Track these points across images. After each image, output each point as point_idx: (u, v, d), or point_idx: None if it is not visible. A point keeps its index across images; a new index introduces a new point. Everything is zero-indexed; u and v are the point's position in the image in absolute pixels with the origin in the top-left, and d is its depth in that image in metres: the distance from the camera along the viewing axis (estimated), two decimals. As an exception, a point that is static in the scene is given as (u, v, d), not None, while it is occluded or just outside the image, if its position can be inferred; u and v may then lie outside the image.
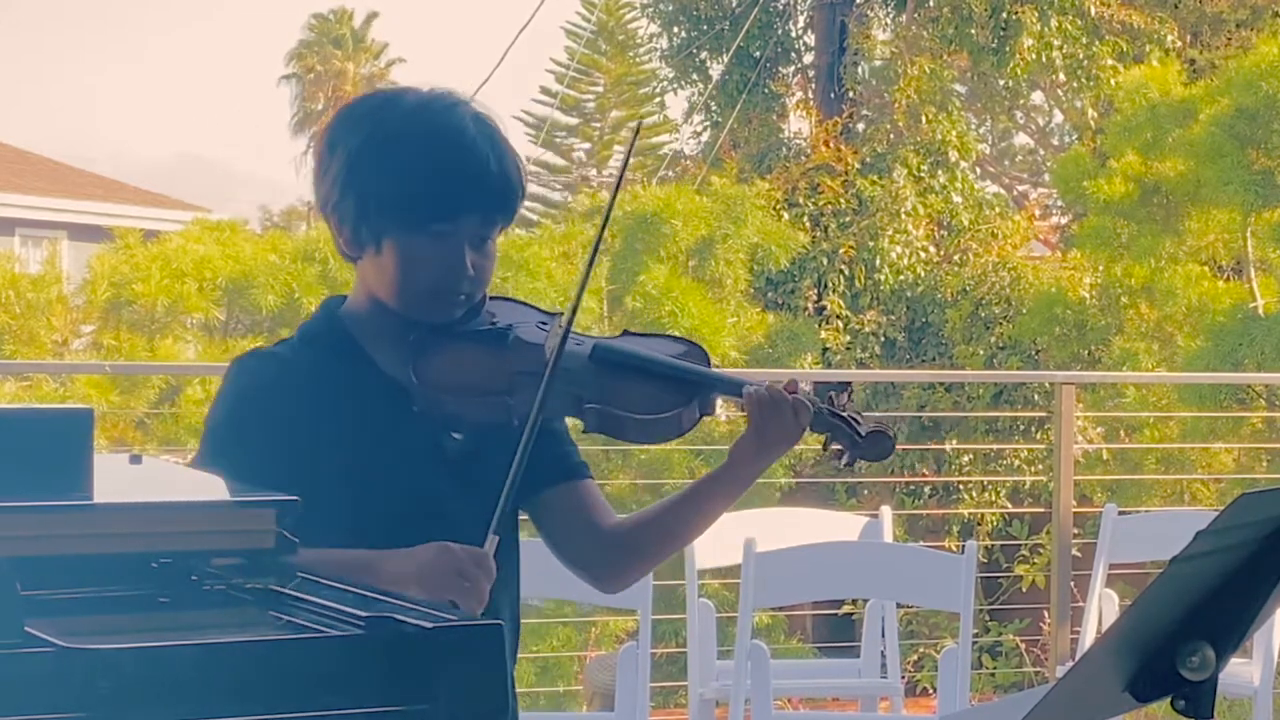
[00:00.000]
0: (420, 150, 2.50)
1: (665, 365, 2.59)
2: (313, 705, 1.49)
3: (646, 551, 2.69)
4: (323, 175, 2.56)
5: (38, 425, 1.70)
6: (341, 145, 2.53)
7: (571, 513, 2.67)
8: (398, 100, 2.58)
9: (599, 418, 2.55)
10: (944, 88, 15.55)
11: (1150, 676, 1.96)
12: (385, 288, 2.54)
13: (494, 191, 2.53)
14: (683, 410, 2.57)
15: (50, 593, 1.59)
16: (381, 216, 2.51)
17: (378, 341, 2.57)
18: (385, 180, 2.49)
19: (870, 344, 14.37)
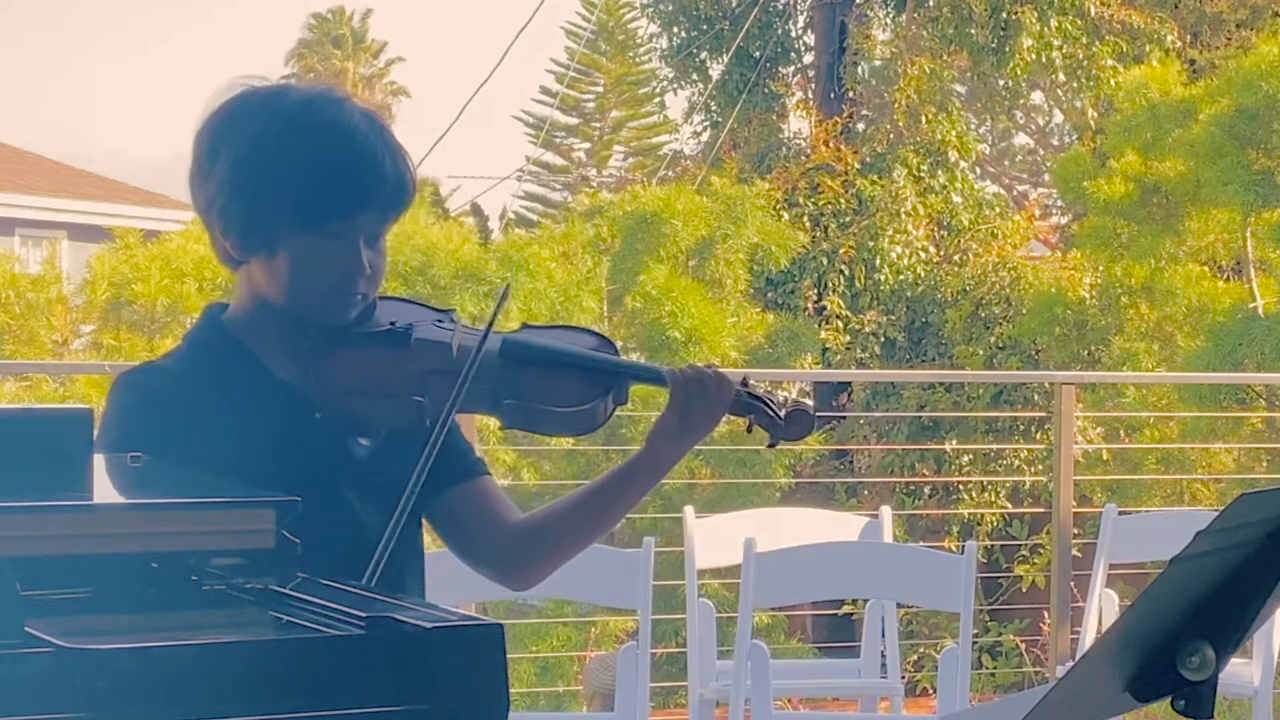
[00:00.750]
0: (312, 148, 2.44)
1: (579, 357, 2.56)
2: (313, 705, 1.49)
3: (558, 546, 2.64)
4: (204, 179, 2.48)
5: (38, 425, 1.70)
6: (226, 147, 2.46)
7: (474, 511, 2.62)
8: (280, 99, 2.51)
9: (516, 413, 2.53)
10: (944, 88, 15.55)
11: (1150, 676, 1.96)
12: (278, 290, 2.48)
13: (389, 188, 2.48)
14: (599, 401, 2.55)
15: (50, 593, 1.58)
16: (275, 218, 2.44)
17: (270, 347, 2.51)
18: (277, 181, 2.44)
19: (870, 344, 14.38)
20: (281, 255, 2.46)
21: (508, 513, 2.65)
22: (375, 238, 2.50)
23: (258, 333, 2.52)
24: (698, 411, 2.55)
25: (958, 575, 5.10)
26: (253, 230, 2.46)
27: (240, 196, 2.45)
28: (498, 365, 2.52)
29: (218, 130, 2.48)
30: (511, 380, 2.52)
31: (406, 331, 2.51)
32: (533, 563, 2.66)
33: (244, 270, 2.52)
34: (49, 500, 1.60)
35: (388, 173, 2.47)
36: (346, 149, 2.45)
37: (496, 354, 2.53)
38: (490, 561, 2.66)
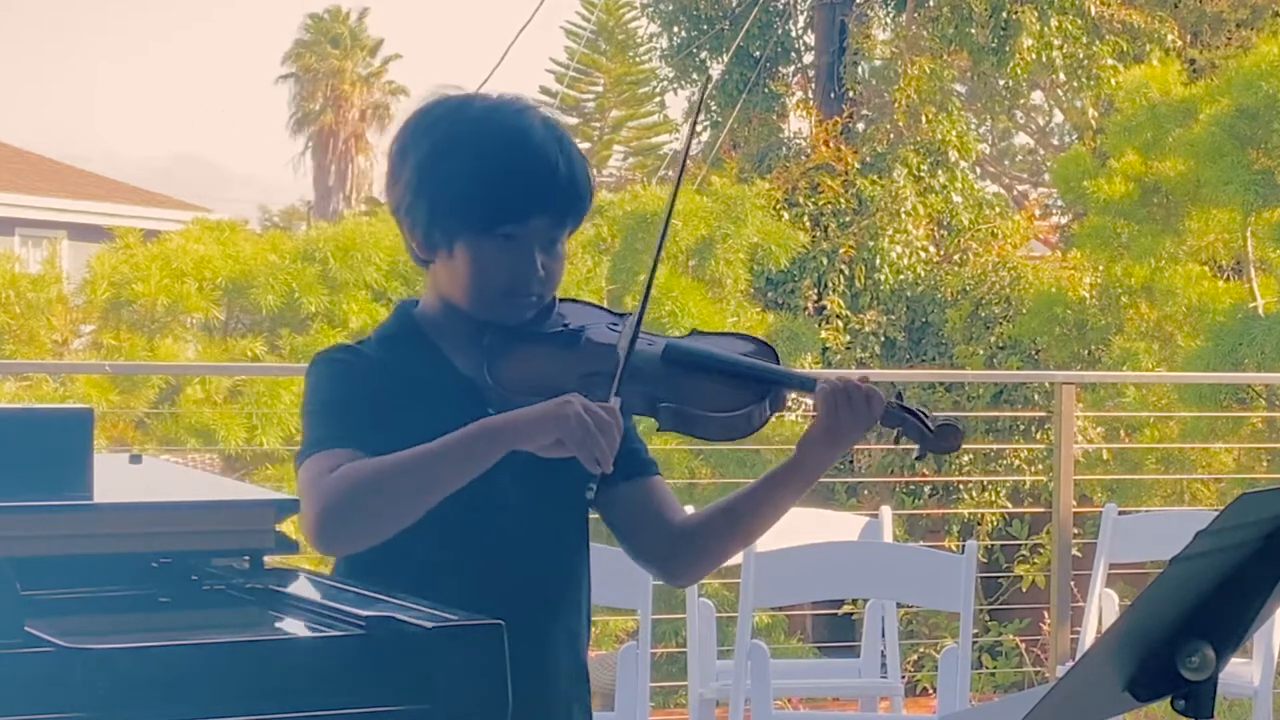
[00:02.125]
0: (489, 154, 2.54)
1: (737, 363, 2.64)
2: (313, 705, 1.49)
3: (715, 546, 2.72)
4: (394, 180, 2.60)
5: (38, 425, 1.70)
6: (412, 151, 2.58)
7: (642, 508, 2.70)
8: (467, 106, 2.61)
9: (673, 416, 2.59)
10: (944, 88, 15.55)
11: (1150, 676, 1.96)
12: (457, 290, 2.58)
13: (562, 194, 2.56)
14: (755, 407, 2.61)
15: (50, 593, 1.59)
16: (451, 220, 2.54)
17: (453, 343, 2.60)
18: (454, 184, 2.54)
19: (870, 344, 14.38)
20: (459, 256, 2.55)
21: (674, 512, 2.72)
22: (552, 242, 2.57)
23: (442, 328, 2.61)
24: (845, 422, 2.62)
25: (958, 575, 5.10)
26: (432, 231, 2.56)
27: (421, 198, 2.56)
28: (658, 368, 2.59)
29: (408, 135, 2.60)
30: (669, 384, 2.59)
31: (578, 333, 2.60)
32: (690, 563, 2.76)
33: (431, 269, 2.61)
34: (49, 500, 1.60)
35: (561, 180, 2.55)
36: (520, 154, 2.54)
37: (658, 358, 2.60)
38: (652, 558, 2.76)
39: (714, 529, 2.71)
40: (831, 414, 2.61)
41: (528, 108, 2.60)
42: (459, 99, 2.65)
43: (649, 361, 2.58)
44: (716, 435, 2.65)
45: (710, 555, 2.74)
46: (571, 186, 2.56)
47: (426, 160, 2.56)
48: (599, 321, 2.64)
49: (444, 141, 2.56)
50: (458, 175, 2.53)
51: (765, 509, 2.69)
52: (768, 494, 2.68)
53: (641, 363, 2.56)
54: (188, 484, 2.07)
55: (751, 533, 2.73)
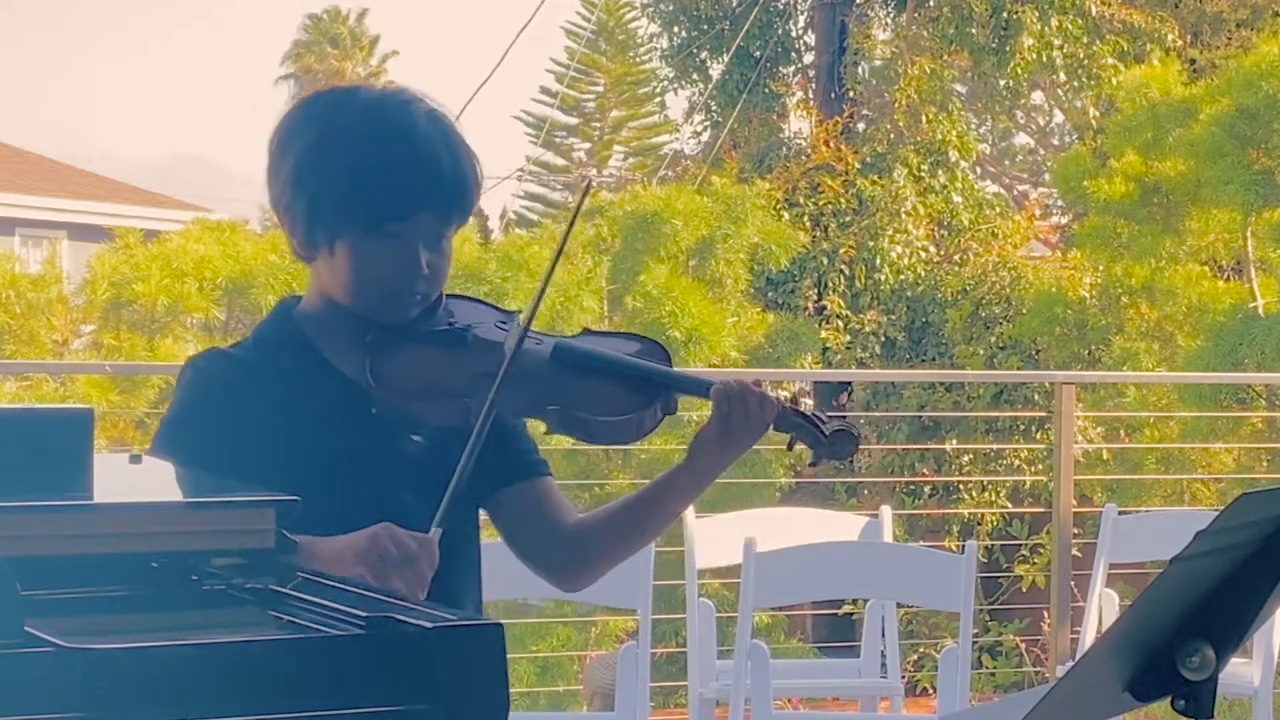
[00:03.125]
0: (372, 149, 2.46)
1: (628, 365, 2.57)
2: (313, 705, 1.49)
3: (606, 550, 2.66)
4: (275, 175, 2.52)
5: (38, 425, 1.70)
6: (293, 145, 2.50)
7: (530, 511, 2.64)
8: (350, 98, 2.55)
9: (560, 418, 2.53)
10: (944, 88, 15.55)
11: (1150, 676, 1.96)
12: (340, 288, 2.51)
13: (448, 190, 2.49)
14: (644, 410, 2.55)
15: (50, 593, 1.59)
16: (334, 217, 2.47)
17: (334, 342, 2.54)
18: (337, 180, 2.46)
19: (870, 344, 14.38)
20: (341, 254, 2.49)
21: (564, 515, 2.66)
22: (437, 239, 2.51)
23: (323, 328, 2.55)
24: (739, 426, 2.56)
25: (958, 575, 5.10)
26: (314, 228, 2.49)
27: (302, 194, 2.48)
28: (547, 369, 2.53)
29: (288, 129, 2.52)
30: (558, 385, 2.53)
31: (464, 331, 2.53)
32: (581, 566, 2.69)
33: (313, 266, 2.55)
34: (49, 500, 1.60)
35: (445, 174, 2.48)
36: (405, 149, 2.46)
37: (548, 358, 2.54)
38: (542, 561, 2.69)
39: (605, 532, 2.65)
40: (725, 417, 2.55)
41: (413, 100, 2.52)
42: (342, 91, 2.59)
43: (537, 362, 2.51)
44: (605, 439, 2.59)
45: (601, 559, 2.68)
46: (457, 182, 2.49)
47: (307, 155, 2.47)
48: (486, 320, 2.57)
49: (326, 136, 2.48)
50: (340, 171, 2.46)
51: (657, 512, 2.64)
52: (660, 497, 2.63)
53: (529, 363, 2.49)
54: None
55: (643, 536, 2.67)
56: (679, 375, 2.64)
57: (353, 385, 2.51)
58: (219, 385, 2.49)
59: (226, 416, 2.43)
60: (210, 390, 2.49)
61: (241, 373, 2.51)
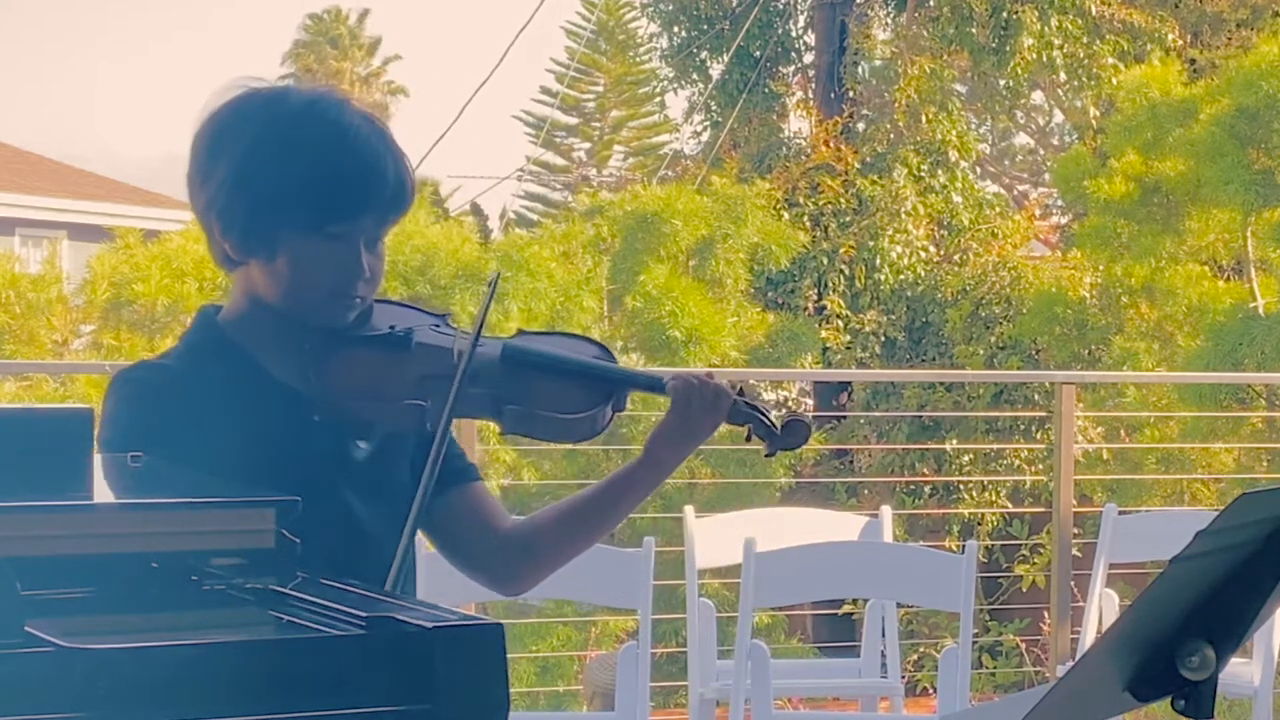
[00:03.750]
0: (313, 150, 2.44)
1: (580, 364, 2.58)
2: (313, 705, 1.49)
3: (550, 551, 2.65)
4: (204, 180, 2.47)
5: (38, 425, 1.70)
6: (226, 148, 2.45)
7: (466, 516, 2.63)
8: (281, 101, 2.51)
9: (517, 418, 2.53)
10: (944, 87, 15.55)
11: (1150, 676, 1.96)
12: (276, 292, 2.47)
13: (389, 191, 2.47)
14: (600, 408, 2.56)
15: (50, 593, 1.58)
16: (275, 220, 2.44)
17: (267, 349, 2.51)
18: (278, 182, 2.43)
19: (870, 344, 14.38)
20: (281, 257, 2.45)
21: (499, 519, 2.65)
22: (375, 241, 2.49)
23: (255, 334, 2.51)
24: (696, 417, 2.58)
25: (958, 575, 5.10)
26: (252, 232, 2.45)
27: (240, 198, 2.44)
28: (499, 370, 2.53)
29: (218, 131, 2.47)
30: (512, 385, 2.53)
31: (407, 336, 2.52)
32: (524, 569, 2.67)
33: (241, 272, 2.51)
34: (49, 500, 1.60)
35: (389, 176, 2.47)
36: (348, 152, 2.44)
37: (498, 359, 2.53)
38: (481, 566, 2.67)
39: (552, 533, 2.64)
40: (684, 410, 2.57)
41: (345, 101, 2.50)
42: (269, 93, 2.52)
43: (488, 363, 2.51)
44: (561, 437, 2.60)
45: (546, 560, 2.66)
46: (397, 182, 2.47)
47: (244, 157, 2.43)
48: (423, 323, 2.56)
49: (262, 138, 2.44)
50: (281, 172, 2.42)
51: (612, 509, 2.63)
52: (617, 495, 2.62)
53: (480, 364, 2.48)
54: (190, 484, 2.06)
55: (593, 535, 2.66)
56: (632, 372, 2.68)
57: (291, 391, 2.48)
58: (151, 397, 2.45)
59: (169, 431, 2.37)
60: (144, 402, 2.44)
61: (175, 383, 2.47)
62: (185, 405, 2.43)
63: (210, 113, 2.50)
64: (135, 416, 2.43)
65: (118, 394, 2.47)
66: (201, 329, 2.55)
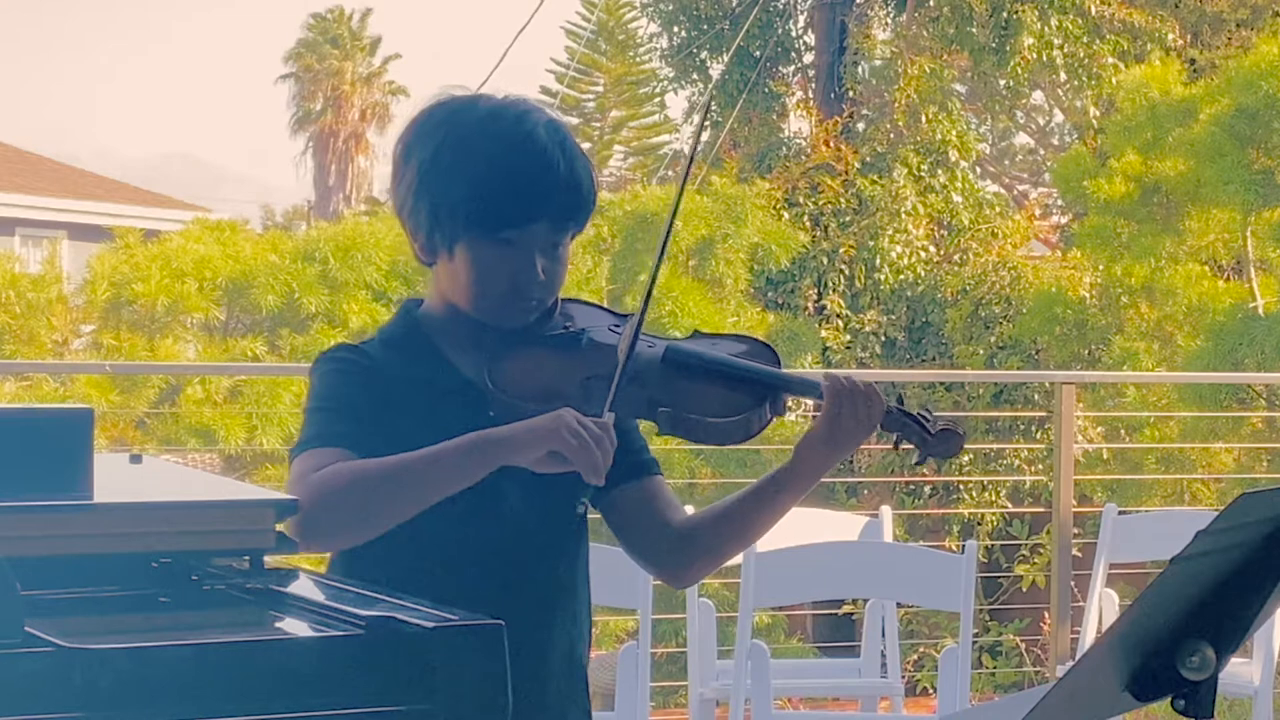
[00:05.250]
0: (491, 157, 2.52)
1: (738, 367, 2.61)
2: (313, 705, 1.49)
3: (714, 548, 2.72)
4: (398, 182, 2.59)
5: (38, 425, 1.70)
6: (415, 152, 2.56)
7: (642, 508, 2.69)
8: (470, 108, 2.59)
9: (671, 420, 2.57)
10: (944, 87, 15.55)
11: (1150, 676, 1.96)
12: (459, 293, 2.57)
13: (563, 198, 2.54)
14: (754, 411, 2.58)
15: (50, 593, 1.59)
16: (453, 223, 2.53)
17: (455, 345, 2.59)
18: (456, 187, 2.52)
19: (870, 343, 14.38)
20: (459, 259, 2.54)
21: (674, 513, 2.71)
22: (553, 246, 2.56)
23: (445, 330, 2.60)
24: (848, 424, 2.61)
25: (958, 575, 5.10)
26: (433, 234, 2.55)
27: (423, 200, 2.54)
28: (658, 372, 2.57)
29: (411, 135, 2.59)
30: (668, 388, 2.57)
31: (579, 335, 2.58)
32: (689, 564, 2.74)
33: (434, 270, 2.60)
34: (50, 500, 1.60)
35: (562, 182, 2.52)
36: (522, 158, 2.52)
37: (659, 361, 2.58)
38: (653, 558, 2.75)
39: (714, 530, 2.70)
40: (835, 416, 2.60)
41: (532, 110, 2.58)
42: (464, 100, 2.62)
43: (649, 365, 2.56)
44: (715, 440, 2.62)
45: (710, 557, 2.73)
46: (573, 190, 2.54)
47: (429, 162, 2.54)
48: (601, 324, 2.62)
49: (447, 143, 2.54)
50: (459, 178, 2.52)
51: (764, 511, 2.68)
52: (768, 497, 2.67)
53: (641, 366, 2.54)
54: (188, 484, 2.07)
55: (750, 535, 2.72)
56: (788, 376, 2.68)
57: (473, 387, 2.55)
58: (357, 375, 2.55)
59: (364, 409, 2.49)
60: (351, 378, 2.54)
61: (374, 368, 2.56)
62: (379, 389, 2.52)
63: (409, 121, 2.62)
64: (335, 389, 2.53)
65: (321, 369, 2.57)
66: (400, 323, 2.65)
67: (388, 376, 2.55)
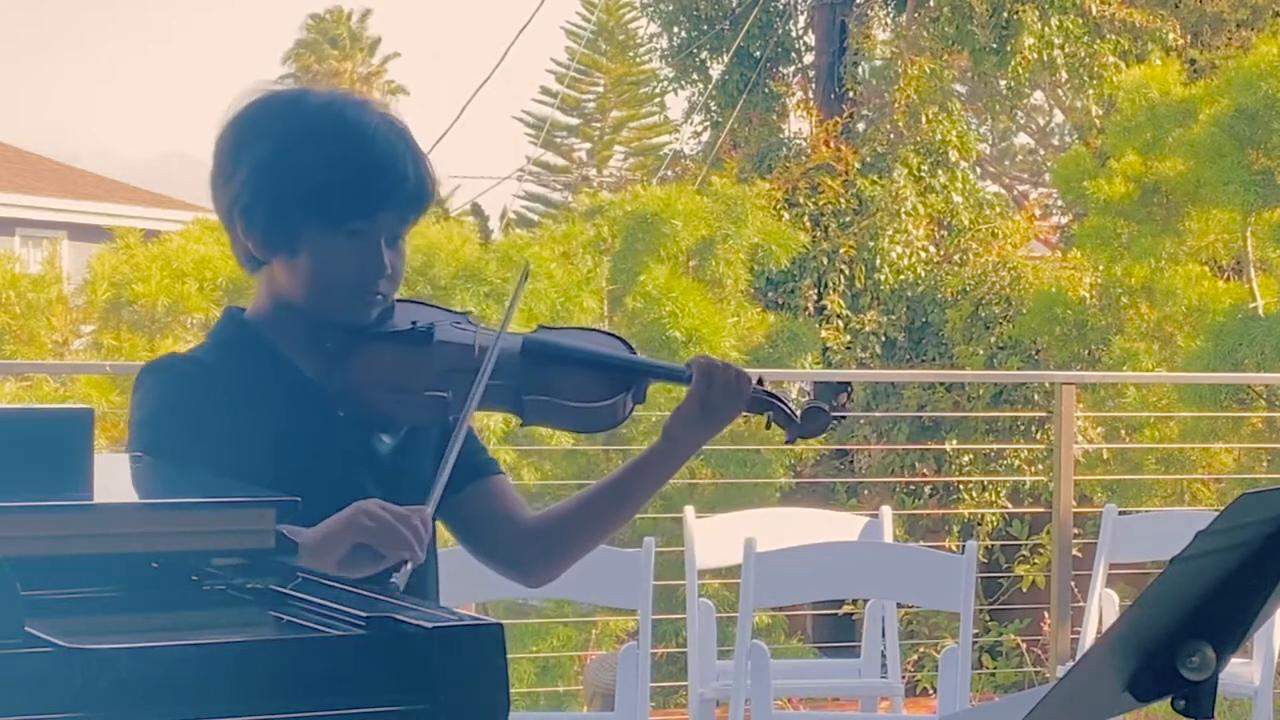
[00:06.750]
0: (335, 148, 2.48)
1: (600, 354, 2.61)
2: (313, 705, 1.49)
3: (572, 541, 2.68)
4: (227, 180, 2.52)
5: (38, 425, 1.70)
6: (248, 148, 2.50)
7: (488, 509, 2.66)
8: (301, 101, 2.56)
9: (538, 409, 2.57)
10: (944, 88, 15.55)
11: (1150, 676, 1.96)
12: (299, 290, 2.51)
13: (409, 188, 2.52)
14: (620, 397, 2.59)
15: (50, 593, 1.59)
16: (297, 216, 2.48)
17: (293, 346, 2.54)
18: (300, 180, 2.47)
19: (870, 344, 14.38)
20: (303, 254, 2.50)
21: (521, 510, 2.69)
22: (395, 238, 2.53)
23: (281, 332, 2.55)
24: (717, 401, 2.60)
25: (958, 575, 5.10)
26: (275, 229, 2.50)
27: (262, 196, 2.49)
28: (519, 363, 2.57)
29: (240, 133, 2.53)
30: (533, 377, 2.57)
31: (429, 331, 2.56)
32: (547, 560, 2.70)
33: (265, 271, 2.55)
34: (49, 500, 1.60)
35: (408, 173, 2.51)
36: (367, 149, 2.49)
37: (518, 352, 2.58)
38: (504, 559, 2.70)
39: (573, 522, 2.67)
40: (704, 392, 2.59)
41: (365, 102, 2.56)
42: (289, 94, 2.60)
43: (509, 355, 2.55)
44: (581, 427, 2.64)
45: (568, 550, 2.70)
46: (417, 180, 2.52)
47: (267, 156, 2.49)
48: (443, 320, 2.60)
49: (286, 135, 2.49)
50: (303, 170, 2.47)
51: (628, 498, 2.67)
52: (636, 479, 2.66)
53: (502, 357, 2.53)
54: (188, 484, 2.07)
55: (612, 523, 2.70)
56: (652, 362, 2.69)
57: (317, 387, 2.52)
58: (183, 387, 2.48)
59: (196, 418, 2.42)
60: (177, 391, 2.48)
61: (205, 374, 2.50)
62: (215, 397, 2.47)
63: (231, 116, 2.55)
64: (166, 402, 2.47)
65: (148, 381, 2.51)
66: (230, 326, 2.59)
67: (223, 382, 2.49)
